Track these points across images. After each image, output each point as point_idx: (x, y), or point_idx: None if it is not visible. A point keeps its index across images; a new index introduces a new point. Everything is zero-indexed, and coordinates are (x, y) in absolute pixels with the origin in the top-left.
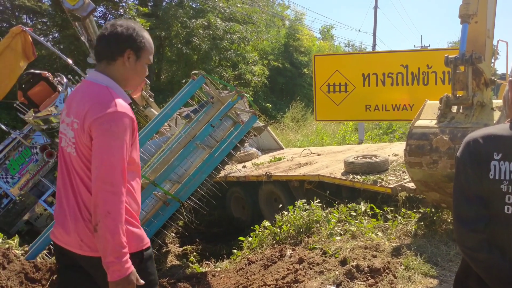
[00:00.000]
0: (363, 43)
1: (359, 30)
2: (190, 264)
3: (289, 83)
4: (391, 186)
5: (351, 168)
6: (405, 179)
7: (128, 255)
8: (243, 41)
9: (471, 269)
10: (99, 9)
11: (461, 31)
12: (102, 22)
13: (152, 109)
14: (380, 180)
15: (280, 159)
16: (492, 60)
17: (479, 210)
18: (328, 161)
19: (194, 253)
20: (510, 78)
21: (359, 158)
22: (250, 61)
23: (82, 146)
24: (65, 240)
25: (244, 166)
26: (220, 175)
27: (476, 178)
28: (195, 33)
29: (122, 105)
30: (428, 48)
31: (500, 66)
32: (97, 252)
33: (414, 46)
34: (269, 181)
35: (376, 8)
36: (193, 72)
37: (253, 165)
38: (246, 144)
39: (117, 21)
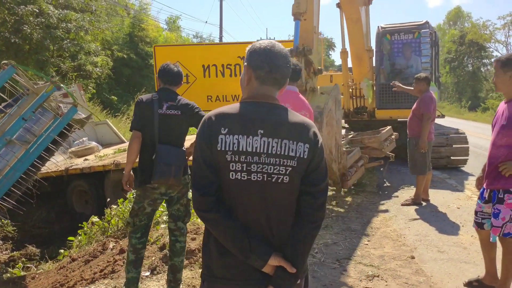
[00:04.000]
0: (212, 35)
1: (206, 22)
2: (9, 269)
3: (135, 74)
4: None
5: None
6: None
7: None
8: (80, 30)
9: (210, 232)
10: None
11: (294, 27)
12: None
13: None
14: None
15: (125, 150)
16: (331, 52)
17: (210, 177)
18: None
19: (23, 259)
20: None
21: None
22: (91, 51)
23: None
24: None
25: (86, 159)
26: (50, 170)
27: (208, 150)
28: (25, 20)
29: None
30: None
31: (336, 57)
32: None
33: (260, 38)
34: (117, 169)
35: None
36: (2, 62)
37: (96, 158)
38: (85, 139)
39: None
